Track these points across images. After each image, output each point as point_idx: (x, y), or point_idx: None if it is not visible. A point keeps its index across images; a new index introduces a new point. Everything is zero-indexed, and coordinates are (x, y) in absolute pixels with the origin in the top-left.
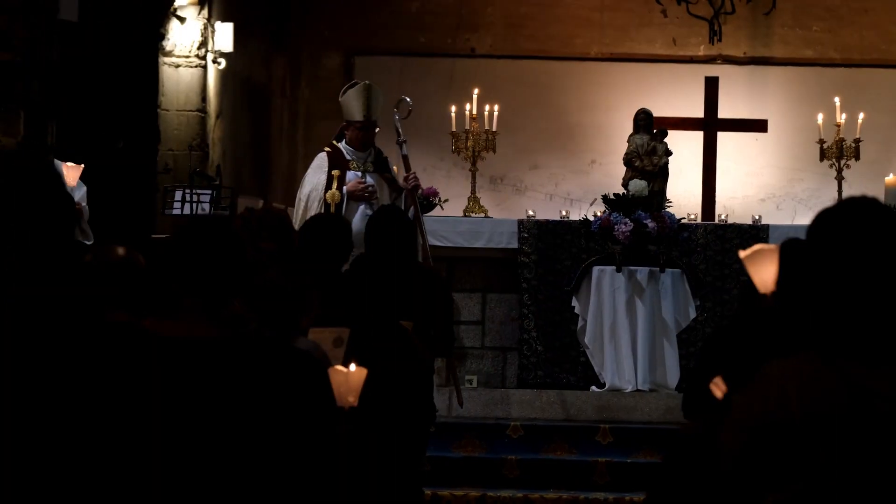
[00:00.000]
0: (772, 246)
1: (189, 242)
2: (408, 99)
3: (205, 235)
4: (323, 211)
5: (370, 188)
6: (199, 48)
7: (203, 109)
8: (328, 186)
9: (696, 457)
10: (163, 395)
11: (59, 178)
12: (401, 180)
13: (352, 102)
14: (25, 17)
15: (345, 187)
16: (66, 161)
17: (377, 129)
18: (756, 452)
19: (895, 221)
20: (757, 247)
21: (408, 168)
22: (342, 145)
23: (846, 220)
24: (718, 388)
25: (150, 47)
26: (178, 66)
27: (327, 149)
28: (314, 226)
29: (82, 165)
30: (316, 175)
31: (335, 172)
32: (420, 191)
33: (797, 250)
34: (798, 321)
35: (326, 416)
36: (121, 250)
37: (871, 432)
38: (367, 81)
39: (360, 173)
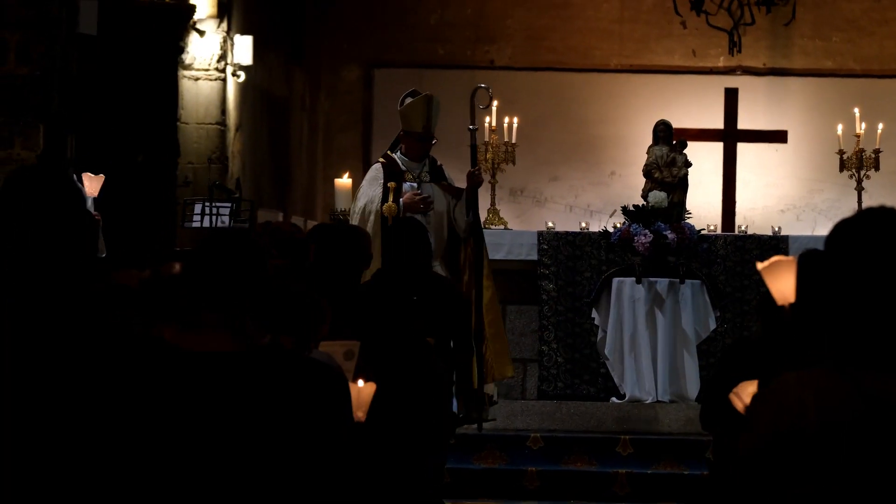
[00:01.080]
0: (790, 258)
1: (210, 256)
2: (485, 86)
3: (226, 249)
4: (377, 224)
5: (427, 199)
6: (218, 61)
7: (222, 122)
8: (384, 199)
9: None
10: (185, 408)
11: (79, 192)
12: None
13: (411, 113)
14: (44, 31)
15: (401, 199)
16: (86, 171)
17: (434, 142)
18: (770, 462)
19: None
20: (775, 259)
21: (474, 161)
22: (397, 156)
23: (864, 230)
24: (740, 400)
25: (169, 60)
26: (197, 79)
27: (382, 160)
28: (327, 237)
29: (103, 176)
30: (371, 187)
31: (391, 184)
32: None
33: (815, 262)
34: (815, 333)
35: (347, 428)
36: (178, 266)
37: (887, 444)
38: (428, 93)
39: (415, 184)
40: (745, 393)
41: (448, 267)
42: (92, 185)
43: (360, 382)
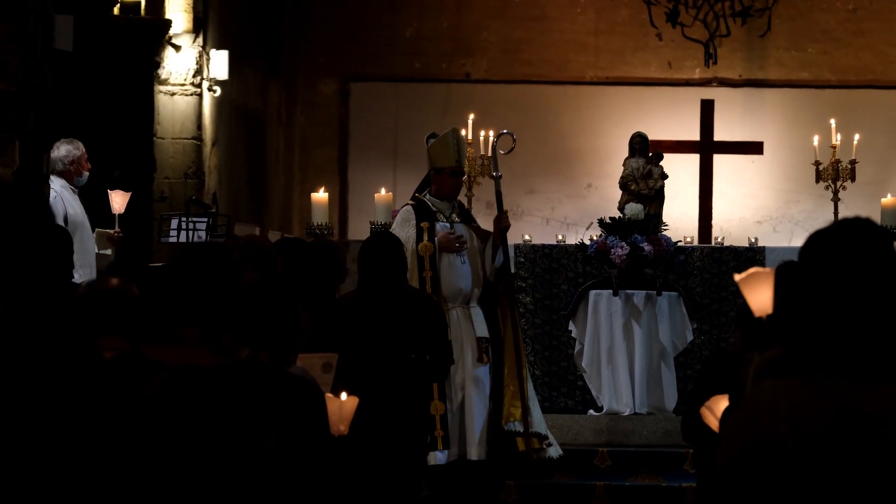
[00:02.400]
0: (767, 269)
1: (185, 271)
2: (508, 132)
3: (201, 264)
4: (414, 263)
5: (462, 238)
6: (194, 76)
7: (199, 137)
8: (419, 239)
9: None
10: (163, 422)
11: (49, 210)
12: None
13: (442, 148)
14: (20, 47)
15: (436, 238)
16: (114, 188)
17: (464, 177)
18: (746, 471)
19: (888, 240)
20: (752, 270)
21: (500, 206)
22: (427, 197)
23: (838, 241)
24: (711, 414)
25: (145, 76)
26: (173, 94)
27: (411, 202)
28: (297, 251)
29: (129, 193)
30: (404, 229)
31: (424, 224)
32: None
33: (793, 273)
34: (791, 343)
35: (324, 442)
36: (114, 280)
37: (861, 454)
38: (455, 128)
39: (447, 224)
40: (717, 408)
41: (484, 307)
42: (118, 201)
43: (343, 396)
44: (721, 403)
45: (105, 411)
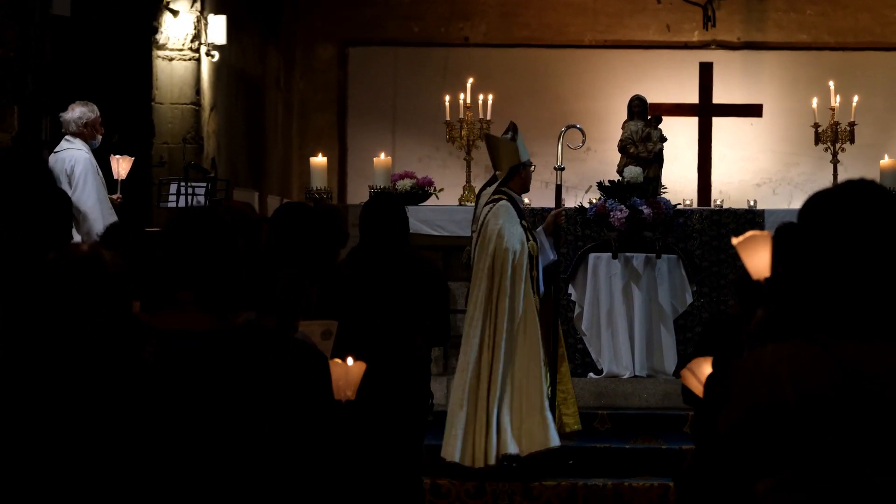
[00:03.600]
0: (764, 232)
1: (178, 234)
2: (578, 127)
3: (194, 227)
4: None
5: (560, 211)
6: (192, 41)
7: (197, 102)
8: (527, 237)
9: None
10: (159, 387)
11: (50, 174)
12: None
13: (521, 145)
14: (18, 14)
15: (541, 227)
16: (117, 154)
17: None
18: (748, 436)
19: (892, 201)
20: (749, 234)
21: (559, 200)
22: (511, 194)
23: (844, 199)
24: (694, 377)
25: (143, 41)
26: (171, 59)
27: (502, 197)
28: (300, 216)
29: (132, 158)
30: (514, 226)
31: (525, 223)
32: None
33: (794, 233)
34: (789, 304)
35: (328, 407)
36: (84, 247)
37: (863, 415)
38: (511, 122)
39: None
40: (700, 371)
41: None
42: (121, 166)
43: (350, 361)
44: (704, 367)
45: (101, 377)
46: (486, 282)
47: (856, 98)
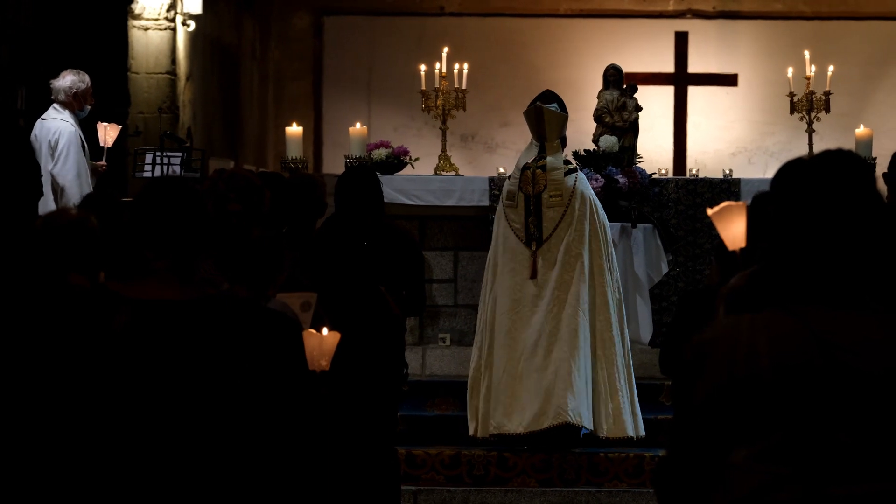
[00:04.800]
0: (739, 203)
1: (149, 203)
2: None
3: (164, 195)
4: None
5: None
6: (167, 10)
7: (173, 72)
8: None
9: None
10: (131, 357)
11: (28, 144)
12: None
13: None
14: None
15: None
16: (104, 121)
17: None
18: (723, 405)
19: (868, 171)
20: (724, 204)
21: None
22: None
23: (816, 168)
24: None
25: (119, 11)
26: (147, 28)
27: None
28: (280, 185)
29: (119, 126)
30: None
31: None
32: None
33: (769, 202)
34: (766, 275)
35: (302, 378)
36: (73, 212)
37: (841, 388)
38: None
39: None
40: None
41: None
42: (108, 134)
43: (325, 331)
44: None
45: (71, 347)
46: (590, 249)
47: (831, 67)
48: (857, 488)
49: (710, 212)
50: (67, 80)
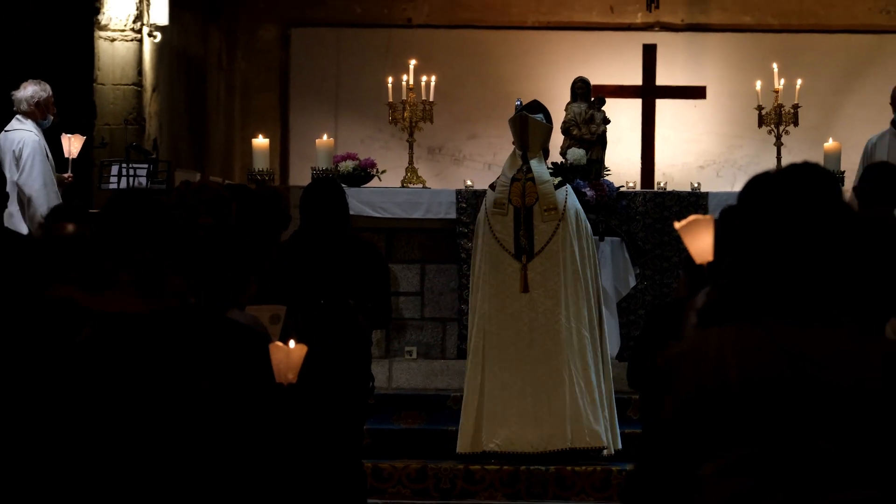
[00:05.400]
0: (707, 216)
1: (115, 215)
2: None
3: (130, 207)
4: None
5: None
6: (134, 21)
7: (139, 83)
8: None
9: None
10: (92, 371)
11: None
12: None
13: None
14: None
15: None
16: (68, 133)
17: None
18: (692, 419)
19: (835, 184)
20: (692, 218)
21: None
22: None
23: (783, 182)
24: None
25: (85, 21)
26: (113, 39)
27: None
28: (244, 198)
29: (83, 137)
30: None
31: None
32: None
33: (736, 215)
34: (733, 289)
35: (268, 391)
36: (70, 226)
37: (809, 401)
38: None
39: None
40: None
41: None
42: (72, 145)
43: (292, 343)
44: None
45: (35, 360)
46: (583, 263)
47: (799, 81)
48: (838, 496)
49: (677, 225)
50: (29, 91)
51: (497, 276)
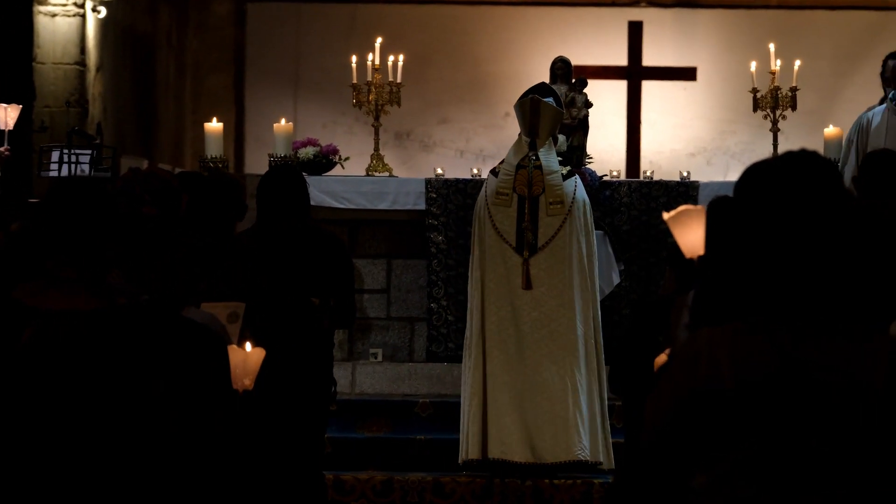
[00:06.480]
0: (698, 207)
1: (56, 206)
2: None
3: (72, 198)
4: None
5: None
6: None
7: (82, 62)
8: None
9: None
10: (36, 372)
11: None
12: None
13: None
14: None
15: None
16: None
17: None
18: (683, 427)
19: (836, 175)
20: (682, 208)
21: None
22: None
23: (783, 172)
24: None
25: None
26: (54, 15)
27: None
28: (199, 186)
29: (19, 107)
30: None
31: None
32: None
33: (727, 210)
34: (726, 287)
35: (224, 396)
36: (15, 224)
37: (805, 403)
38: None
39: None
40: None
41: None
42: (8, 115)
43: (248, 347)
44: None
45: None
46: (590, 261)
47: (798, 62)
48: (829, 495)
49: (666, 216)
50: None
51: (497, 269)
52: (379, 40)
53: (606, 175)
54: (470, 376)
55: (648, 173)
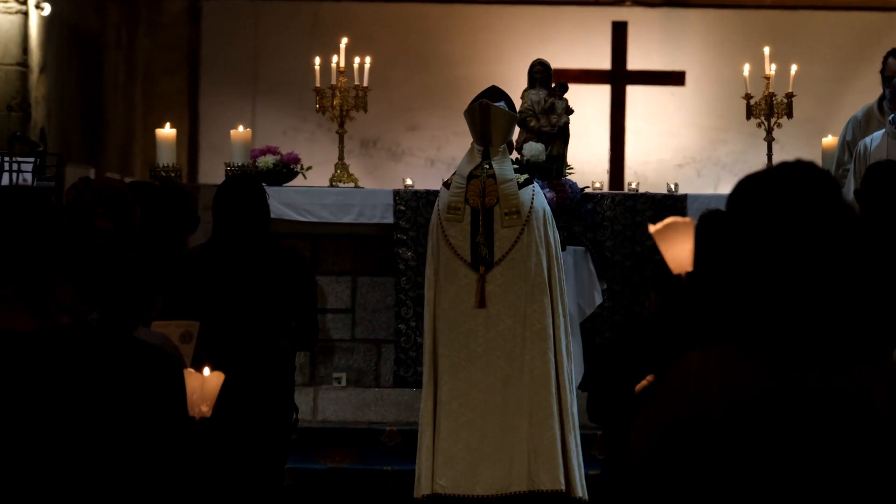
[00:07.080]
0: (687, 219)
1: None
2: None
3: (12, 209)
4: None
5: None
6: None
7: (24, 63)
8: None
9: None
10: None
11: None
12: None
13: None
14: None
15: None
16: None
17: None
18: (670, 451)
19: (835, 187)
20: (669, 220)
21: None
22: None
23: (778, 184)
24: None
25: None
26: None
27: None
28: (149, 196)
29: None
30: None
31: None
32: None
33: (718, 223)
34: (717, 305)
35: (179, 423)
36: None
37: (802, 426)
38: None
39: None
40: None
41: None
42: None
43: (206, 371)
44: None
45: None
46: (549, 275)
47: (794, 66)
48: None
49: (652, 229)
50: None
51: (451, 288)
52: (344, 41)
53: (588, 187)
54: (422, 405)
55: (633, 185)
